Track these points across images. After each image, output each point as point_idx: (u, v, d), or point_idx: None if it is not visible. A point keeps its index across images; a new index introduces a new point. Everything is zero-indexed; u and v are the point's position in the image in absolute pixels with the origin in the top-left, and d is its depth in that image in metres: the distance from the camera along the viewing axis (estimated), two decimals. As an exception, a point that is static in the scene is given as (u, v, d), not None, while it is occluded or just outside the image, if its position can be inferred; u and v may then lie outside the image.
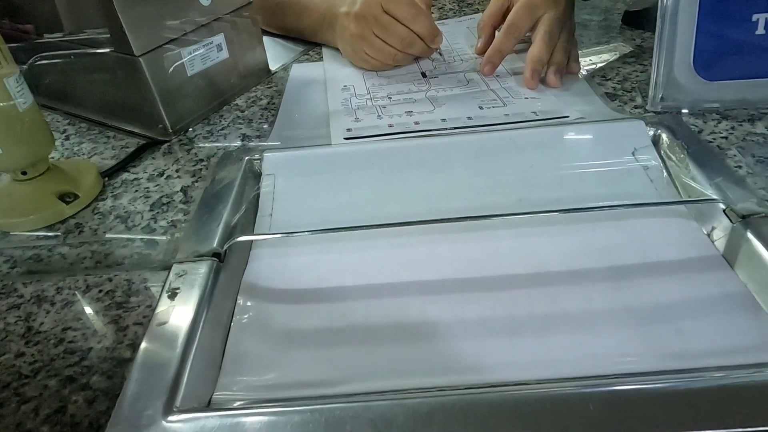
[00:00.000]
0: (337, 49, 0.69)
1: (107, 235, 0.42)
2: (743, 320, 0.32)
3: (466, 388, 0.28)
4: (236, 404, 0.29)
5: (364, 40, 0.59)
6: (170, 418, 0.27)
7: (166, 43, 0.51)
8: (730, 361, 0.29)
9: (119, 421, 0.27)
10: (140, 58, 0.49)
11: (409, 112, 0.52)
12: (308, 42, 0.73)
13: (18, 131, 0.41)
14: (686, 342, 0.30)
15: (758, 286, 0.33)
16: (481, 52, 0.61)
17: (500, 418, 0.26)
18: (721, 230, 0.37)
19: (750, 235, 0.34)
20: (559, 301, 0.34)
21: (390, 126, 0.50)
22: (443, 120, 0.50)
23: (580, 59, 0.59)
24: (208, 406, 0.29)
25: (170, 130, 0.54)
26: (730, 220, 0.36)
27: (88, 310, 0.35)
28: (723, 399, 0.26)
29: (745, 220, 0.35)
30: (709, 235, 0.37)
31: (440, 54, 0.64)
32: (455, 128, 0.48)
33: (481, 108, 0.52)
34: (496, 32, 0.60)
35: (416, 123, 0.50)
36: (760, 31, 0.46)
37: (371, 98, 0.56)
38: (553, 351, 0.31)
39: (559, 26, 0.55)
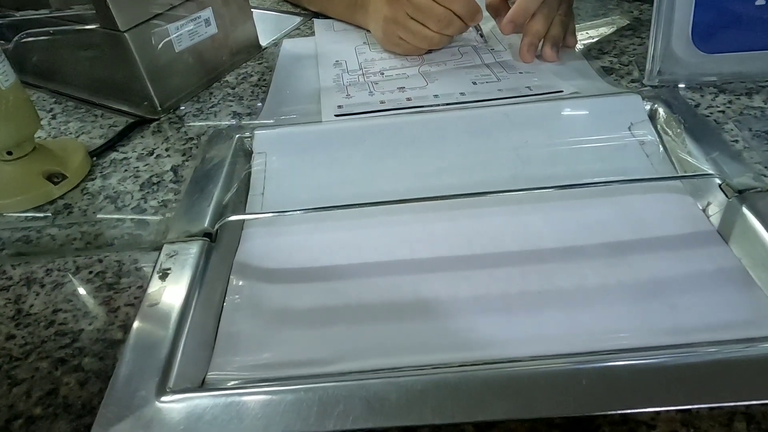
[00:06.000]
0: (330, 23, 0.68)
1: (97, 216, 0.41)
2: (737, 295, 0.31)
3: (459, 366, 0.28)
4: (230, 384, 0.29)
5: (398, 24, 0.54)
6: (163, 398, 0.27)
7: (153, 18, 0.50)
8: (724, 335, 0.29)
9: (112, 402, 0.27)
10: (126, 34, 0.48)
11: (401, 88, 0.51)
12: (300, 14, 0.71)
13: (1, 110, 0.40)
14: (680, 317, 0.30)
15: (752, 261, 0.33)
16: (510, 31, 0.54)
17: (493, 394, 0.26)
18: (716, 205, 0.37)
19: (745, 210, 0.34)
20: (553, 277, 0.34)
21: (381, 102, 0.49)
22: (436, 96, 0.49)
23: (576, 32, 0.57)
24: (202, 386, 0.29)
25: (159, 108, 0.52)
26: (726, 195, 0.36)
27: (79, 291, 0.35)
28: (716, 373, 0.26)
29: (741, 195, 0.35)
30: (704, 210, 0.37)
31: (478, 31, 0.58)
32: (448, 104, 0.48)
33: (474, 83, 0.51)
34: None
35: (408, 99, 0.49)
36: (760, 2, 0.45)
37: (363, 74, 0.55)
38: (547, 327, 0.31)
39: None
